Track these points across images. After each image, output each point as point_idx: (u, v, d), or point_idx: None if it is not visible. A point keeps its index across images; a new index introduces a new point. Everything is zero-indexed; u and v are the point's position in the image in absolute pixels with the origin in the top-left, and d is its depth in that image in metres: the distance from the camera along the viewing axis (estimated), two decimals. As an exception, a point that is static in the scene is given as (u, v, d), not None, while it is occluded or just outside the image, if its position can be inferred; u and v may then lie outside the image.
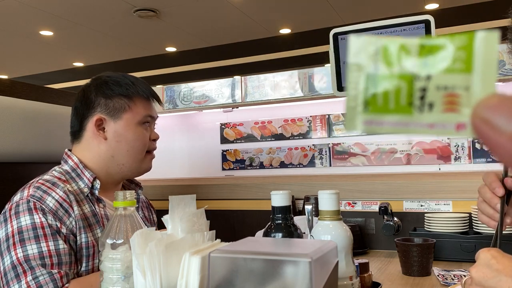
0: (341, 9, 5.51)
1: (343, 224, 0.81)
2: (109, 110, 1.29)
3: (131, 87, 1.31)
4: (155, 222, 1.54)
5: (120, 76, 1.34)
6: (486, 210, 0.95)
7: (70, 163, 1.29)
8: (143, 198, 1.53)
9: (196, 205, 0.81)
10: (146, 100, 1.35)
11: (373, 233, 1.81)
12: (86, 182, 1.25)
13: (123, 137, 1.30)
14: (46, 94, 1.63)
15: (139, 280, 0.71)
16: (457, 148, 2.06)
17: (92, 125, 1.29)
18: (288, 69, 2.41)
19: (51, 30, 6.09)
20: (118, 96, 1.30)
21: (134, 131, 1.31)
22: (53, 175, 1.24)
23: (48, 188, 1.18)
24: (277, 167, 2.39)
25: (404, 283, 1.29)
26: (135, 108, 1.31)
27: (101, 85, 1.31)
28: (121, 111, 1.30)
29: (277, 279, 0.58)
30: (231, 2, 5.25)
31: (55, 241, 1.13)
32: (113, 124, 1.30)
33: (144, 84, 1.35)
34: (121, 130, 1.30)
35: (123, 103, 1.30)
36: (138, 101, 1.33)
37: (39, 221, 1.13)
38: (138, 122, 1.32)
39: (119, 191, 0.83)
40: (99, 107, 1.30)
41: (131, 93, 1.31)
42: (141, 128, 1.33)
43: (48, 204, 1.15)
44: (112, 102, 1.30)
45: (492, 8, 5.08)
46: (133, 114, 1.31)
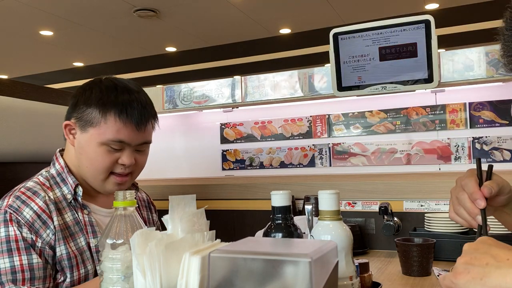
0: (341, 9, 5.51)
1: (343, 224, 0.81)
2: (81, 118, 1.21)
3: (109, 103, 1.18)
4: (155, 223, 1.51)
5: (110, 85, 1.22)
6: (464, 215, 0.93)
7: (57, 166, 1.26)
8: (143, 197, 1.51)
9: (196, 205, 0.81)
10: (122, 123, 1.19)
11: (373, 233, 1.81)
12: (69, 188, 1.22)
13: (84, 151, 1.22)
14: (46, 94, 1.63)
15: (139, 280, 0.71)
16: (457, 148, 2.06)
17: (64, 127, 1.26)
18: (288, 69, 2.41)
19: (51, 30, 6.09)
20: (93, 107, 1.19)
21: (94, 149, 1.20)
22: (37, 180, 1.21)
23: (28, 197, 1.15)
24: (277, 167, 2.39)
25: (404, 283, 1.29)
26: (104, 126, 1.18)
27: (88, 89, 1.23)
28: (88, 124, 1.20)
29: (277, 279, 0.58)
30: (231, 2, 5.25)
31: (28, 255, 1.10)
32: (80, 135, 1.22)
33: (131, 103, 1.20)
34: (83, 143, 1.21)
35: (94, 117, 1.19)
36: (111, 121, 1.18)
37: (14, 233, 1.10)
38: (101, 142, 1.19)
39: (119, 191, 0.83)
40: (76, 112, 1.23)
41: (106, 110, 1.18)
42: (103, 149, 1.20)
43: (25, 216, 1.12)
44: (85, 112, 1.20)
45: (492, 8, 5.08)
46: (99, 134, 1.19)
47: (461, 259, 0.68)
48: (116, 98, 1.19)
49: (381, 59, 1.81)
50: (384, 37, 1.79)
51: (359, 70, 1.84)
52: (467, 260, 0.67)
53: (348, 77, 1.87)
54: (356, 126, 2.26)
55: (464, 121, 2.05)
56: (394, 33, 1.78)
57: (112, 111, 1.18)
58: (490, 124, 2.02)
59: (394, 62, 1.79)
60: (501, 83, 1.96)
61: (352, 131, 2.26)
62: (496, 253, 0.65)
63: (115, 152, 1.21)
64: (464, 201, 0.92)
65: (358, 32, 1.84)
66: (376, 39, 1.81)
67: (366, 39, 1.82)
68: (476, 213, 0.90)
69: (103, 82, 1.24)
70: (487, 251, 0.66)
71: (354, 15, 5.58)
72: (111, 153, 1.21)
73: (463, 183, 0.93)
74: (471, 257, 0.67)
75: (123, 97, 1.20)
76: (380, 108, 2.21)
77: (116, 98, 1.19)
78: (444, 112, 2.09)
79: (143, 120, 1.22)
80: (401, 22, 1.77)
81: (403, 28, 1.77)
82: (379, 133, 2.21)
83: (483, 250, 0.67)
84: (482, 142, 2.02)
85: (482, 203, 0.88)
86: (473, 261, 0.66)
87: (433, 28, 1.72)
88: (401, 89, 1.80)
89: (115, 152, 1.21)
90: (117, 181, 1.24)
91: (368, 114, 2.24)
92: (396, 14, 4.78)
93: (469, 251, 0.68)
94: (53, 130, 1.54)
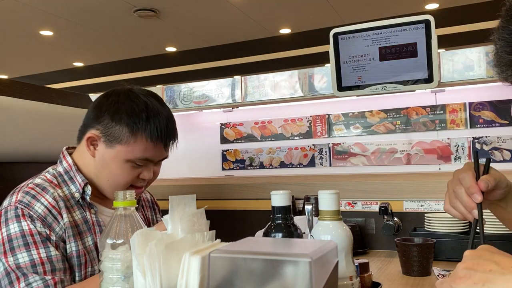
0: (341, 9, 5.52)
1: (343, 224, 0.81)
2: (107, 134, 1.20)
3: (140, 123, 1.19)
4: (158, 222, 1.51)
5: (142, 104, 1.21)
6: (460, 209, 0.93)
7: (64, 164, 1.26)
8: (147, 198, 1.50)
9: (196, 205, 0.81)
10: (151, 142, 1.21)
11: (373, 233, 1.81)
12: (77, 187, 1.22)
13: (107, 165, 1.22)
14: (46, 94, 1.63)
15: (139, 280, 0.71)
16: (457, 148, 2.06)
17: (85, 137, 1.24)
18: (288, 69, 2.41)
19: (51, 30, 6.09)
20: (123, 125, 1.19)
21: (119, 165, 1.21)
22: (45, 178, 1.21)
23: (37, 193, 1.15)
24: (277, 167, 2.39)
25: (404, 283, 1.29)
26: (133, 145, 1.20)
27: (115, 105, 1.21)
28: (116, 141, 1.20)
29: (277, 279, 0.58)
30: (231, 2, 5.25)
31: (45, 248, 1.09)
32: (104, 149, 1.21)
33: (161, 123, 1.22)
34: (108, 158, 1.21)
35: (123, 135, 1.19)
36: (141, 140, 1.20)
37: (28, 228, 1.09)
38: (128, 160, 1.21)
39: (119, 191, 0.83)
40: (101, 125, 1.21)
41: (136, 129, 1.19)
42: (128, 165, 1.21)
43: (37, 210, 1.12)
44: (113, 128, 1.19)
45: (492, 8, 5.07)
46: (126, 151, 1.20)
47: (462, 264, 0.67)
48: (147, 119, 1.20)
49: (381, 59, 1.81)
50: (384, 37, 1.79)
51: (359, 70, 1.84)
52: (468, 265, 0.66)
53: (348, 77, 1.87)
54: (356, 126, 2.26)
55: (464, 121, 2.05)
56: (394, 33, 1.78)
57: (143, 132, 1.19)
58: (490, 124, 2.02)
59: (394, 62, 1.79)
60: (501, 83, 1.96)
61: (352, 131, 2.26)
62: (499, 260, 0.64)
63: (138, 167, 1.23)
64: (461, 195, 0.92)
65: (358, 32, 1.84)
66: (376, 39, 1.81)
67: (366, 39, 1.82)
68: (473, 207, 0.90)
69: (133, 99, 1.22)
70: (491, 258, 0.65)
71: (354, 15, 5.58)
72: (135, 169, 1.23)
73: (461, 177, 0.92)
74: (473, 263, 0.66)
75: (154, 118, 1.21)
76: (380, 108, 2.21)
77: (147, 119, 1.20)
78: (444, 112, 2.09)
79: (171, 141, 1.28)
80: (401, 22, 1.77)
81: (403, 28, 1.77)
82: (379, 133, 2.21)
83: (487, 257, 0.66)
84: (482, 142, 2.02)
85: (479, 198, 0.88)
86: (476, 266, 0.65)
87: (433, 28, 1.72)
88: (401, 89, 1.80)
89: (138, 167, 1.23)
90: (136, 192, 1.26)
91: (368, 114, 2.24)
92: (396, 14, 4.78)
93: (471, 257, 0.67)
94: (53, 130, 1.54)
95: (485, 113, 2.03)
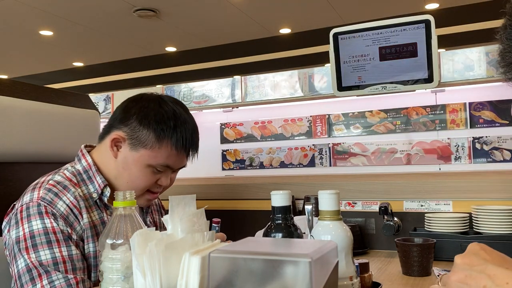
0: (341, 9, 5.51)
1: (343, 224, 0.81)
2: (134, 136, 1.21)
3: (168, 130, 1.21)
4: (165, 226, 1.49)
5: (170, 111, 1.23)
6: None
7: (83, 163, 1.25)
8: (155, 202, 1.49)
9: (196, 205, 0.81)
10: (176, 150, 1.23)
11: (373, 233, 1.81)
12: (96, 187, 1.22)
13: (129, 168, 1.23)
14: (46, 94, 1.63)
15: (139, 280, 0.71)
16: (457, 148, 2.06)
17: (110, 138, 1.24)
18: (288, 69, 2.41)
19: (51, 30, 6.09)
20: (150, 130, 1.20)
21: (141, 169, 1.22)
22: (64, 175, 1.20)
23: (59, 191, 1.15)
24: (277, 167, 2.39)
25: (404, 283, 1.29)
26: (157, 151, 1.21)
27: (144, 110, 1.22)
28: (141, 145, 1.21)
29: (277, 279, 0.58)
30: (231, 2, 5.25)
31: (67, 246, 1.10)
32: (128, 151, 1.22)
33: (187, 132, 1.24)
34: (130, 160, 1.22)
35: (149, 140, 1.21)
36: (165, 147, 1.22)
37: (51, 225, 1.10)
38: (150, 165, 1.22)
39: (119, 191, 0.83)
40: (128, 127, 1.22)
41: (163, 137, 1.20)
42: (149, 170, 1.23)
43: (59, 208, 1.12)
44: (141, 132, 1.21)
45: (492, 8, 5.08)
46: (150, 156, 1.21)
47: (455, 275, 0.64)
48: (175, 127, 1.22)
49: (381, 59, 1.81)
50: (384, 37, 1.79)
51: (359, 70, 1.84)
52: (461, 278, 0.63)
53: (348, 77, 1.87)
54: (356, 126, 2.26)
55: (464, 121, 2.05)
56: (394, 33, 1.78)
57: (169, 139, 1.21)
58: (490, 124, 2.02)
59: (394, 62, 1.79)
60: (501, 83, 1.96)
61: (352, 131, 2.26)
62: (493, 274, 0.61)
63: (157, 173, 1.25)
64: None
65: (358, 32, 1.84)
66: (376, 39, 1.81)
67: (366, 39, 1.82)
68: None
69: (162, 106, 1.24)
70: (484, 270, 0.62)
71: (354, 15, 5.58)
72: (154, 174, 1.24)
73: None
74: (465, 275, 0.63)
75: (181, 127, 1.23)
76: (380, 108, 2.21)
77: (175, 127, 1.22)
78: (444, 112, 2.09)
79: (194, 150, 1.29)
80: (401, 22, 1.77)
81: (403, 28, 1.77)
82: (379, 133, 2.21)
83: (479, 268, 0.63)
84: (482, 142, 2.02)
85: None
86: (468, 280, 0.62)
87: (433, 28, 1.72)
88: (401, 89, 1.80)
89: (157, 173, 1.25)
90: (150, 197, 1.29)
91: (368, 114, 2.24)
92: (396, 14, 4.78)
93: (463, 267, 0.64)
94: (53, 130, 1.54)
95: (485, 113, 2.03)
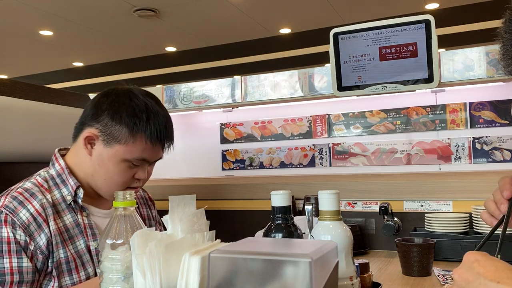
0: (341, 9, 5.51)
1: (343, 224, 0.81)
2: (107, 133, 1.20)
3: (140, 123, 1.20)
4: (154, 218, 1.51)
5: (142, 105, 1.22)
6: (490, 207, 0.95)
7: (56, 167, 1.25)
8: (141, 195, 1.51)
9: (196, 205, 0.81)
10: (150, 143, 1.22)
11: (373, 233, 1.81)
12: (69, 190, 1.21)
13: (104, 164, 1.22)
14: (46, 94, 1.63)
15: (139, 280, 0.71)
16: (457, 148, 2.06)
17: (83, 136, 1.23)
18: (288, 69, 2.41)
19: (51, 30, 6.09)
20: (123, 125, 1.19)
21: (116, 165, 1.21)
22: (35, 181, 1.20)
23: (25, 199, 1.14)
24: (277, 167, 2.39)
25: (404, 283, 1.29)
26: (132, 146, 1.20)
27: (115, 104, 1.21)
28: (115, 141, 1.20)
29: (277, 279, 0.58)
30: (231, 2, 5.25)
31: (18, 258, 1.09)
32: (102, 148, 1.21)
33: (160, 124, 1.23)
34: (105, 157, 1.21)
35: (123, 135, 1.20)
36: (140, 141, 1.21)
37: (6, 235, 1.09)
38: (125, 159, 1.21)
39: (119, 191, 0.83)
40: (100, 124, 1.21)
41: (136, 130, 1.20)
42: (125, 165, 1.22)
43: (21, 217, 1.11)
44: (113, 128, 1.20)
45: (492, 8, 5.08)
46: (125, 151, 1.20)
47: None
48: (148, 120, 1.21)
49: (381, 59, 1.81)
50: (384, 37, 1.79)
51: (359, 70, 1.84)
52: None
53: (348, 77, 1.86)
54: (356, 126, 2.26)
55: (464, 121, 2.05)
56: (394, 33, 1.78)
57: (143, 133, 1.20)
58: (490, 124, 2.02)
59: (394, 62, 1.79)
60: (501, 83, 1.96)
61: (352, 131, 2.26)
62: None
63: (134, 167, 1.24)
64: (495, 195, 0.95)
65: (358, 32, 1.83)
66: (376, 39, 1.81)
67: (366, 39, 1.82)
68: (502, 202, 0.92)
69: (132, 99, 1.22)
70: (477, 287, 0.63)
71: (354, 15, 5.58)
72: (131, 169, 1.24)
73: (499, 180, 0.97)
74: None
75: (154, 120, 1.22)
76: (380, 108, 2.21)
77: (148, 120, 1.21)
78: (444, 112, 2.09)
79: (169, 142, 1.29)
80: (401, 22, 1.77)
81: (403, 28, 1.77)
82: (379, 133, 2.21)
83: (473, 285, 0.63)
84: (482, 142, 2.02)
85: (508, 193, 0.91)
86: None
87: (433, 28, 1.72)
88: (401, 89, 1.80)
89: (134, 167, 1.24)
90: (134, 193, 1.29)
91: (368, 114, 2.24)
92: (396, 14, 4.79)
93: (460, 283, 0.65)
94: (53, 130, 1.54)
95: (485, 113, 2.03)
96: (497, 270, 0.63)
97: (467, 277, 0.65)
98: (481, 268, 0.64)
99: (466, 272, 0.65)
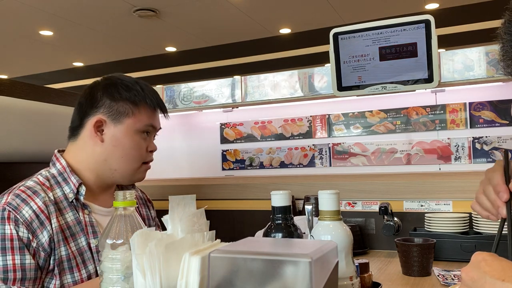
0: (341, 9, 5.51)
1: (343, 224, 0.81)
2: (112, 112, 1.28)
3: (139, 94, 1.30)
4: (153, 218, 1.53)
5: (132, 80, 1.32)
6: (485, 204, 0.94)
7: (58, 166, 1.27)
8: (139, 195, 1.52)
9: (196, 205, 0.81)
10: (152, 109, 1.33)
11: (373, 233, 1.81)
12: (71, 187, 1.23)
13: (120, 142, 1.28)
14: (46, 94, 1.63)
15: (139, 280, 0.71)
16: (457, 148, 2.06)
17: (91, 124, 1.27)
18: (288, 69, 2.41)
19: (51, 30, 6.09)
20: (124, 100, 1.28)
21: (132, 138, 1.29)
22: (37, 180, 1.21)
23: (28, 196, 1.15)
24: (277, 167, 2.39)
25: (404, 283, 1.29)
26: (138, 115, 1.30)
27: (110, 86, 1.30)
28: (123, 116, 1.28)
29: (277, 279, 0.58)
30: (231, 2, 5.24)
31: (21, 255, 1.10)
32: (113, 128, 1.28)
33: (154, 93, 1.34)
34: (119, 134, 1.28)
35: (127, 108, 1.28)
36: (143, 109, 1.31)
37: (9, 232, 1.10)
38: (138, 129, 1.30)
39: (119, 191, 0.83)
40: (102, 108, 1.28)
41: (138, 100, 1.29)
42: (139, 137, 1.31)
43: (24, 214, 1.12)
44: (116, 105, 1.28)
45: (492, 8, 5.08)
46: (135, 121, 1.29)
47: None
48: (143, 91, 1.32)
49: (381, 59, 1.81)
50: (384, 37, 1.79)
51: (359, 70, 1.84)
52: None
53: (348, 77, 1.86)
54: (356, 126, 2.26)
55: (464, 121, 2.05)
56: (394, 33, 1.78)
57: (142, 100, 1.31)
58: (490, 124, 2.02)
59: (394, 62, 1.79)
60: (501, 83, 1.96)
61: (352, 131, 2.26)
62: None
63: (146, 139, 1.33)
64: (489, 193, 0.93)
65: (358, 32, 1.83)
66: (376, 39, 1.81)
67: (366, 39, 1.82)
68: (499, 205, 0.90)
69: (120, 78, 1.33)
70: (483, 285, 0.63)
71: (354, 15, 5.58)
72: (145, 141, 1.33)
73: (490, 176, 0.94)
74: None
75: (147, 90, 1.33)
76: (380, 108, 2.21)
77: (143, 91, 1.32)
78: (444, 112, 2.09)
79: (164, 108, 1.40)
80: (401, 22, 1.77)
81: (403, 28, 1.77)
82: (379, 133, 2.21)
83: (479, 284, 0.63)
84: (482, 142, 2.02)
85: (505, 196, 0.89)
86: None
87: (433, 28, 1.72)
88: (401, 89, 1.80)
89: (146, 139, 1.33)
90: (147, 167, 1.37)
91: (368, 114, 2.23)
92: (396, 14, 4.78)
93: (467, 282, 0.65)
94: (53, 130, 1.54)
95: (485, 113, 2.03)
96: (503, 269, 0.64)
97: (474, 276, 0.65)
98: (487, 267, 0.65)
99: (473, 271, 0.66)
